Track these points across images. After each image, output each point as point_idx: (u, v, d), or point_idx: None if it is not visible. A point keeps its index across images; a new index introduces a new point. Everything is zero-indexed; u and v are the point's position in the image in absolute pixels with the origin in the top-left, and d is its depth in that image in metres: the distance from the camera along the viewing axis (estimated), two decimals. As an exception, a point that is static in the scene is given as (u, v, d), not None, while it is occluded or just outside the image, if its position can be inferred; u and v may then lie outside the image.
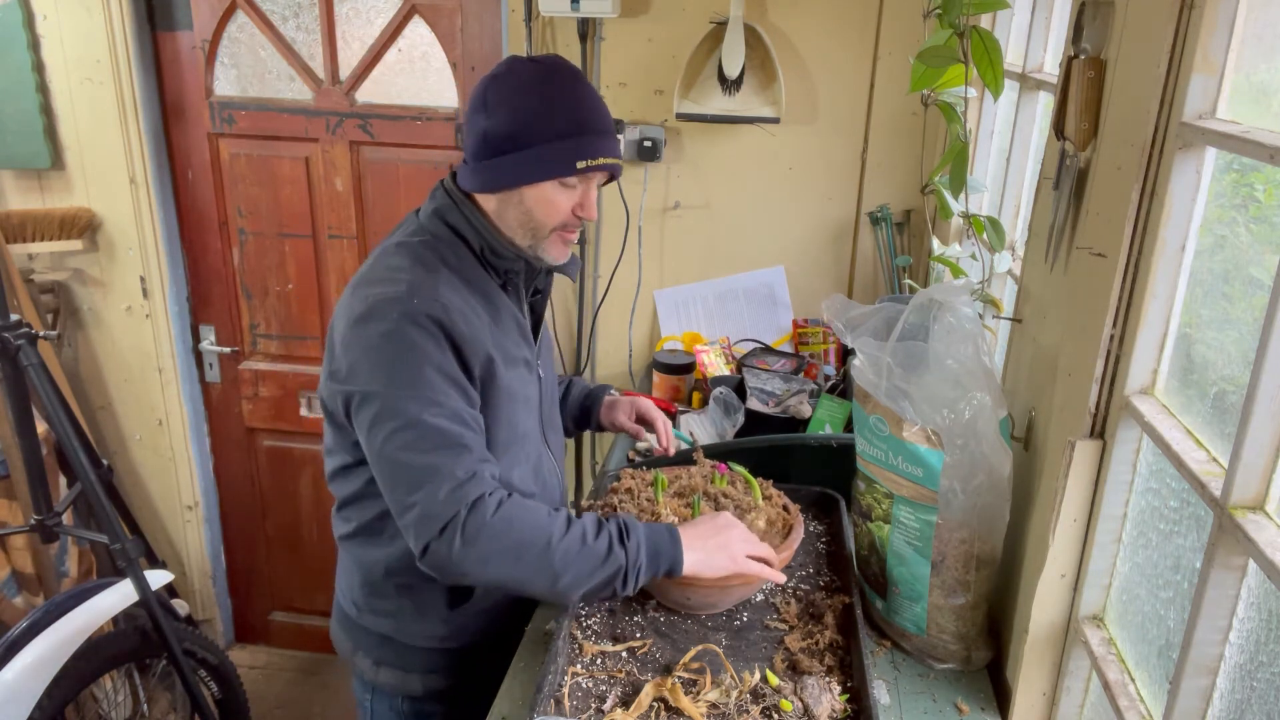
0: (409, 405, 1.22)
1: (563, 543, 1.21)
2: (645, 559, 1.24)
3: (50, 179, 2.70)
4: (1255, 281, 0.94)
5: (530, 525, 1.21)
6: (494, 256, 1.36)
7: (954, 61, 1.47)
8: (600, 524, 1.26)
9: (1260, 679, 0.87)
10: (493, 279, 1.37)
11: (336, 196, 2.72)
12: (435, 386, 1.23)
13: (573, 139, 1.28)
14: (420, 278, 1.28)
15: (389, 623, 1.47)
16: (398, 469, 1.23)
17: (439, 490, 1.20)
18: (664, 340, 2.60)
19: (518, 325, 1.41)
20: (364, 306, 1.26)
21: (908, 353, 1.29)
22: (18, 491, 2.48)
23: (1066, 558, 1.20)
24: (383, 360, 1.24)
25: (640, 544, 1.24)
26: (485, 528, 1.19)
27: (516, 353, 1.39)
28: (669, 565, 1.25)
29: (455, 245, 1.35)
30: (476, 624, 1.48)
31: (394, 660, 1.50)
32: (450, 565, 1.21)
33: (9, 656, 1.90)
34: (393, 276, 1.28)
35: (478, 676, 1.51)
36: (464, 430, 1.24)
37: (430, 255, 1.32)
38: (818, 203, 2.52)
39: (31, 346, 2.08)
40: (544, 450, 1.52)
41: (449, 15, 2.52)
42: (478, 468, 1.23)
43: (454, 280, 1.31)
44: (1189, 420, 1.02)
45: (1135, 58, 1.08)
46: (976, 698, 1.32)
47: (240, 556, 3.16)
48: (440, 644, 1.48)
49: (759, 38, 2.32)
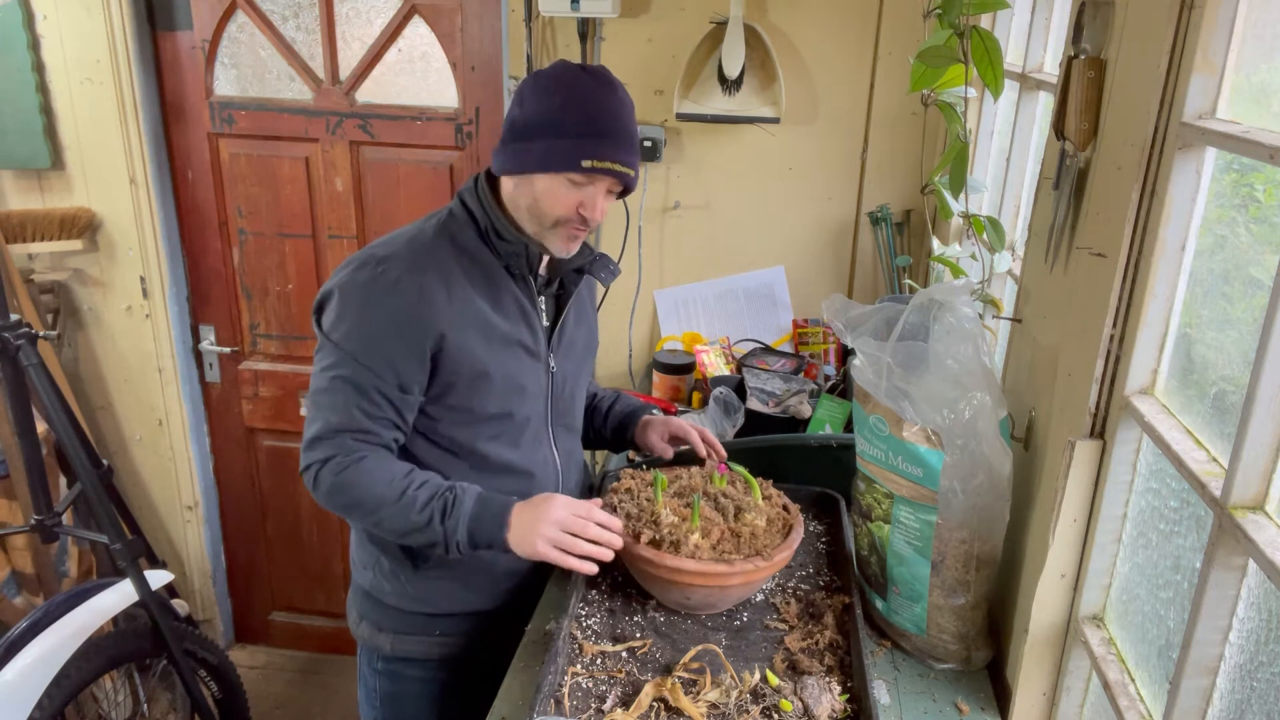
0: (332, 353, 1.38)
1: (391, 509, 1.36)
2: (464, 536, 1.36)
3: (50, 179, 2.70)
4: (1255, 281, 0.94)
5: (365, 489, 1.37)
6: (496, 238, 1.43)
7: (954, 61, 1.47)
8: (431, 498, 1.37)
9: (1260, 679, 0.87)
10: (498, 260, 1.44)
11: (336, 196, 2.72)
12: (361, 347, 1.37)
13: (584, 139, 1.35)
14: (403, 250, 1.40)
15: (368, 576, 1.56)
16: (314, 392, 1.42)
17: (309, 435, 1.41)
18: (664, 340, 2.60)
19: (520, 309, 1.46)
20: (354, 257, 1.42)
21: (908, 353, 1.29)
22: (18, 491, 2.48)
23: (1066, 558, 1.20)
24: (335, 307, 1.39)
25: (459, 522, 1.36)
26: (330, 484, 1.38)
27: (512, 334, 1.44)
28: (488, 541, 1.37)
29: (467, 224, 1.45)
30: (444, 591, 1.53)
31: (370, 615, 1.58)
32: (312, 492, 1.43)
33: (9, 656, 1.90)
34: (388, 242, 1.43)
35: (451, 651, 1.57)
36: (357, 398, 1.37)
37: (436, 231, 1.43)
38: (818, 203, 2.52)
39: (31, 346, 2.07)
40: (547, 441, 1.54)
41: (449, 15, 2.52)
42: (346, 429, 1.38)
43: (449, 258, 1.41)
44: (1189, 420, 1.02)
45: (1135, 58, 1.08)
46: (976, 698, 1.32)
47: (240, 556, 3.16)
48: (409, 606, 1.54)
49: (759, 38, 2.32)
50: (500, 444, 1.48)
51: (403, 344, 1.36)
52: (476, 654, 1.58)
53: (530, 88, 1.39)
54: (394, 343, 1.36)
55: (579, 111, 1.36)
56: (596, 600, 1.44)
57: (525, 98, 1.39)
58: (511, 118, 1.40)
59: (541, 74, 1.40)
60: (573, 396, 1.60)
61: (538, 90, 1.38)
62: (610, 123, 1.37)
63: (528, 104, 1.38)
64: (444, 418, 1.44)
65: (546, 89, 1.37)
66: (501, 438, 1.48)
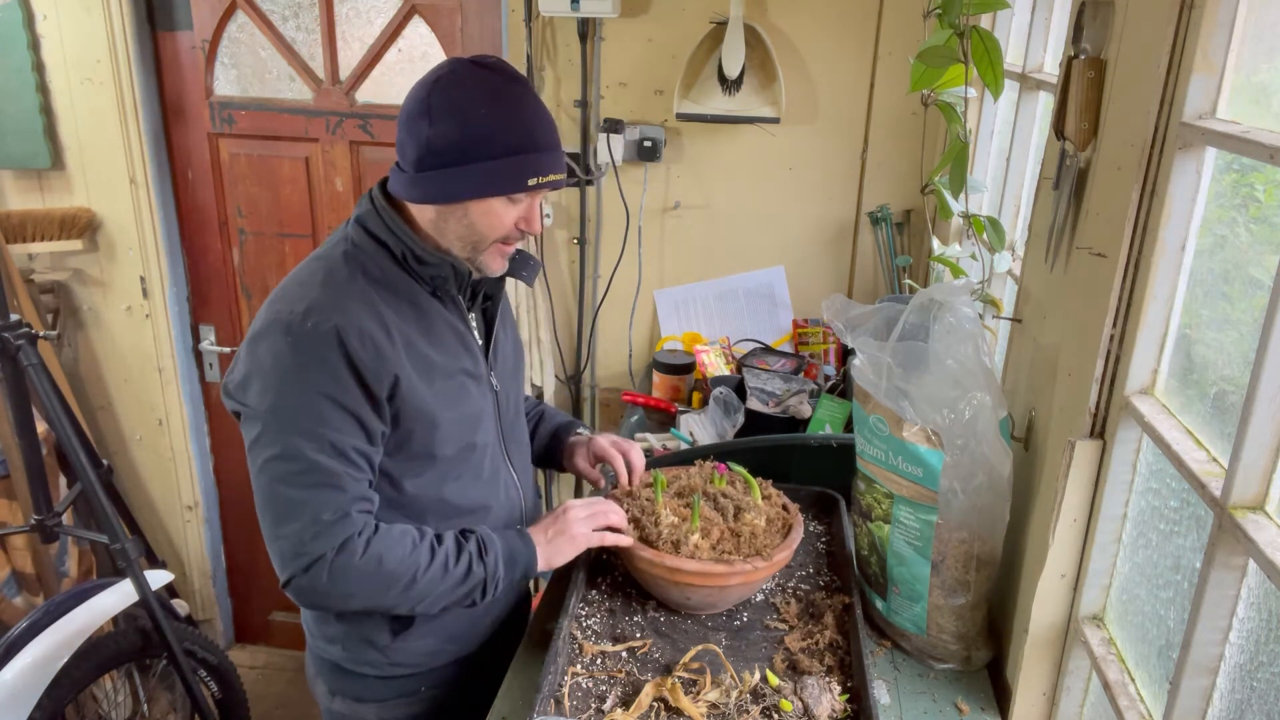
0: (288, 434, 1.20)
1: (428, 573, 1.26)
2: (503, 569, 1.31)
3: (50, 179, 2.70)
4: (1255, 281, 0.94)
5: (397, 560, 1.24)
6: (417, 264, 1.29)
7: (954, 61, 1.47)
8: (460, 545, 1.30)
9: (1260, 679, 0.87)
10: (421, 287, 1.31)
11: (336, 196, 2.72)
12: (319, 415, 1.21)
13: (523, 155, 1.23)
14: (322, 296, 1.23)
15: (337, 650, 1.42)
16: (269, 498, 1.23)
17: (306, 529, 1.21)
18: (664, 340, 2.60)
19: (456, 335, 1.35)
20: (261, 323, 1.24)
21: (908, 353, 1.29)
22: (18, 491, 2.49)
23: (1066, 558, 1.20)
24: (270, 382, 1.21)
25: (498, 556, 1.30)
26: (353, 569, 1.22)
27: (453, 364, 1.33)
28: (524, 567, 1.33)
29: (377, 254, 1.30)
30: (426, 649, 1.42)
31: (345, 690, 1.45)
32: (312, 599, 1.26)
33: (9, 656, 1.90)
34: (298, 293, 1.25)
35: (437, 703, 1.48)
36: (341, 466, 1.22)
37: (346, 267, 1.27)
38: (818, 203, 2.52)
39: (31, 346, 2.08)
40: (504, 465, 1.46)
41: (449, 15, 2.52)
42: (350, 508, 1.23)
43: (371, 293, 1.26)
44: (1189, 420, 1.02)
45: (1135, 58, 1.08)
46: (976, 698, 1.32)
47: (240, 556, 3.16)
48: (389, 673, 1.42)
49: (759, 38, 2.32)
50: (464, 483, 1.37)
51: (359, 393, 1.22)
52: (460, 702, 1.50)
53: (441, 101, 1.21)
54: (350, 395, 1.21)
55: (513, 124, 1.22)
56: (596, 600, 1.44)
57: (437, 114, 1.21)
58: (424, 138, 1.22)
59: (445, 81, 1.23)
60: (517, 411, 1.52)
61: (454, 105, 1.21)
62: (542, 132, 1.25)
63: (444, 122, 1.21)
64: (407, 472, 1.31)
65: (465, 102, 1.21)
66: (464, 476, 1.37)
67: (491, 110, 1.22)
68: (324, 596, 1.24)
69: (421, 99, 1.23)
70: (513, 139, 1.23)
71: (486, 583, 1.30)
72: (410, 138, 1.24)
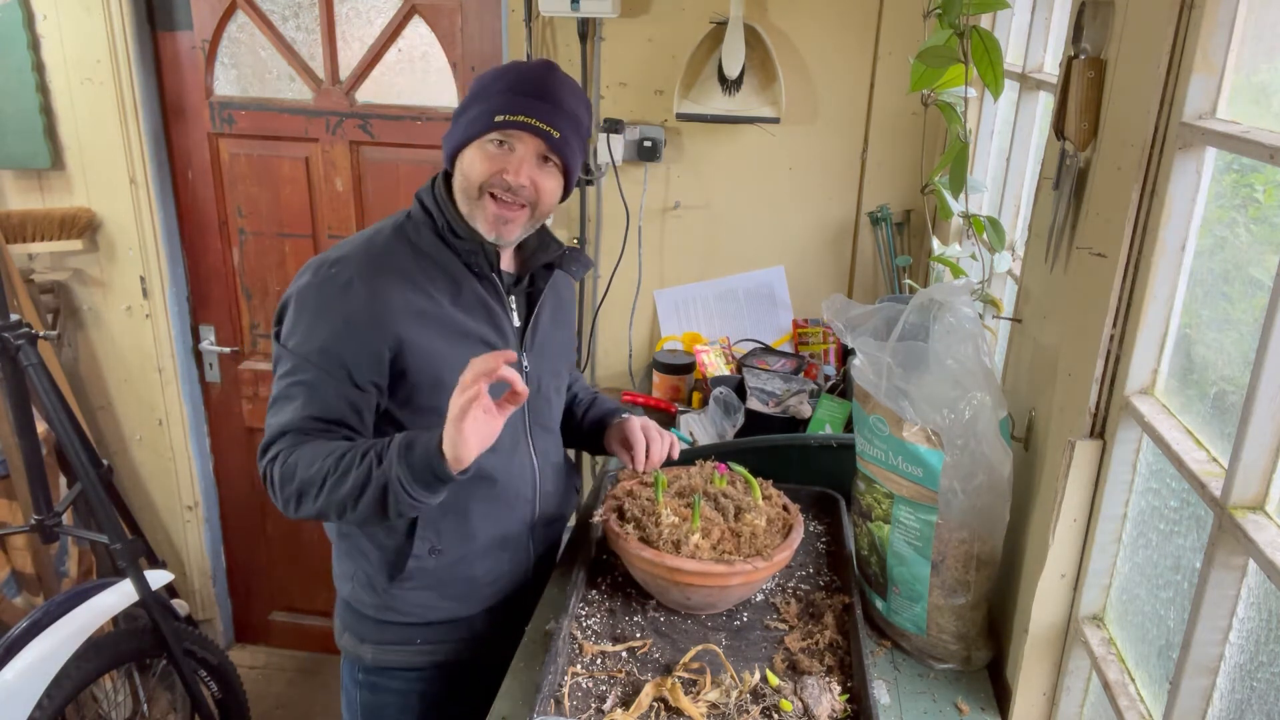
0: (287, 360, 1.36)
1: (335, 479, 1.27)
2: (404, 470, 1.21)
3: (50, 179, 2.70)
4: (1255, 282, 0.94)
5: (307, 470, 1.29)
6: (453, 236, 1.41)
7: (954, 61, 1.47)
8: (367, 450, 1.26)
9: (1260, 679, 0.87)
10: (457, 259, 1.42)
11: (336, 196, 2.72)
12: (312, 349, 1.34)
13: (500, 97, 1.34)
14: (357, 251, 1.38)
15: (346, 586, 1.53)
16: (271, 398, 1.38)
17: (262, 444, 1.36)
18: (664, 340, 2.60)
19: (484, 306, 1.43)
20: (307, 264, 1.40)
21: (908, 353, 1.29)
22: (18, 491, 2.48)
23: (1066, 558, 1.20)
24: (293, 314, 1.36)
25: (394, 458, 1.22)
26: (280, 477, 1.32)
27: (474, 330, 1.41)
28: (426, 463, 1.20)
29: (424, 224, 1.43)
30: (422, 600, 1.49)
31: (351, 625, 1.55)
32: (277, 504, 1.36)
33: (9, 656, 1.90)
34: (341, 246, 1.41)
35: (431, 660, 1.54)
36: (309, 396, 1.33)
37: (393, 234, 1.42)
38: (818, 203, 2.52)
39: (31, 346, 2.08)
40: (524, 442, 1.50)
41: (449, 15, 2.52)
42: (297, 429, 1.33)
43: (406, 258, 1.39)
44: (1189, 420, 1.02)
45: (1135, 58, 1.08)
46: (976, 698, 1.32)
47: (240, 556, 3.16)
48: (387, 616, 1.50)
49: (759, 38, 2.32)
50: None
51: (355, 344, 1.33)
52: (459, 662, 1.55)
53: (473, 79, 1.42)
54: (346, 343, 1.33)
55: (503, 78, 1.36)
56: (596, 600, 1.44)
57: (469, 87, 1.42)
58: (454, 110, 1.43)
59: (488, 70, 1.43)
60: (548, 395, 1.55)
61: (478, 77, 1.41)
62: (534, 86, 1.35)
63: (467, 94, 1.41)
64: (414, 423, 1.39)
65: (485, 74, 1.40)
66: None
67: (495, 77, 1.38)
68: (275, 498, 1.35)
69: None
70: (496, 90, 1.35)
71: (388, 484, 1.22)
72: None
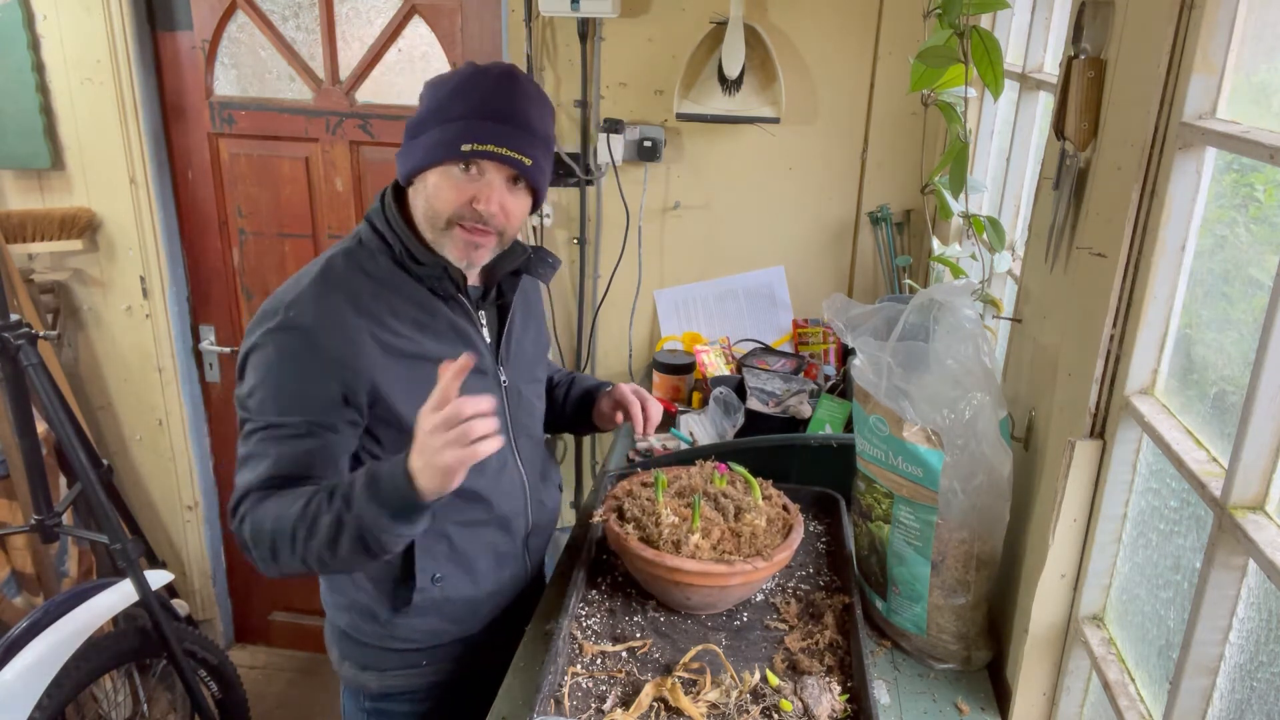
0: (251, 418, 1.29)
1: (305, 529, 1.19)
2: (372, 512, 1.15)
3: (50, 179, 2.70)
4: (1255, 282, 0.94)
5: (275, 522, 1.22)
6: (412, 262, 1.31)
7: (954, 61, 1.47)
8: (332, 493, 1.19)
9: (1260, 679, 0.87)
10: (419, 285, 1.33)
11: (336, 196, 2.72)
12: (267, 408, 1.26)
13: (464, 121, 1.24)
14: (309, 291, 1.28)
15: (344, 617, 1.50)
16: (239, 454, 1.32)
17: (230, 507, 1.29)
18: (664, 340, 2.60)
19: (457, 332, 1.36)
20: (260, 312, 1.31)
21: (908, 353, 1.29)
22: (18, 491, 2.48)
23: (1066, 558, 1.20)
24: (252, 368, 1.29)
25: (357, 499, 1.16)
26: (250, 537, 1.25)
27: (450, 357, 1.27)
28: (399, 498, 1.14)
29: (380, 251, 1.33)
30: (426, 627, 1.47)
31: (352, 655, 1.52)
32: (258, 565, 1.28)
33: (9, 656, 1.90)
34: (290, 286, 1.31)
35: (438, 680, 1.52)
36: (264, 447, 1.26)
37: (345, 265, 1.31)
38: (818, 203, 2.52)
39: (31, 346, 2.08)
40: (511, 458, 1.48)
41: (449, 15, 2.52)
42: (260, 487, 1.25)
43: (363, 291, 1.29)
44: (1189, 420, 1.02)
45: (1135, 58, 1.08)
46: (976, 698, 1.32)
47: (240, 557, 3.14)
48: (390, 644, 1.48)
49: (759, 38, 2.32)
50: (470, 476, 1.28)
51: (321, 398, 1.25)
52: (465, 678, 1.54)
53: (428, 87, 1.31)
54: (312, 400, 1.25)
55: (466, 97, 1.25)
56: (596, 600, 1.44)
57: (422, 97, 1.30)
58: (409, 120, 1.31)
59: (442, 74, 1.32)
60: (529, 403, 1.52)
61: (433, 86, 1.30)
62: (500, 106, 1.25)
63: (423, 102, 1.30)
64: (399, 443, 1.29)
65: (441, 83, 1.29)
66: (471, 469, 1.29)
67: (453, 88, 1.27)
68: (251, 557, 1.27)
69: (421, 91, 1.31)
70: (458, 109, 1.25)
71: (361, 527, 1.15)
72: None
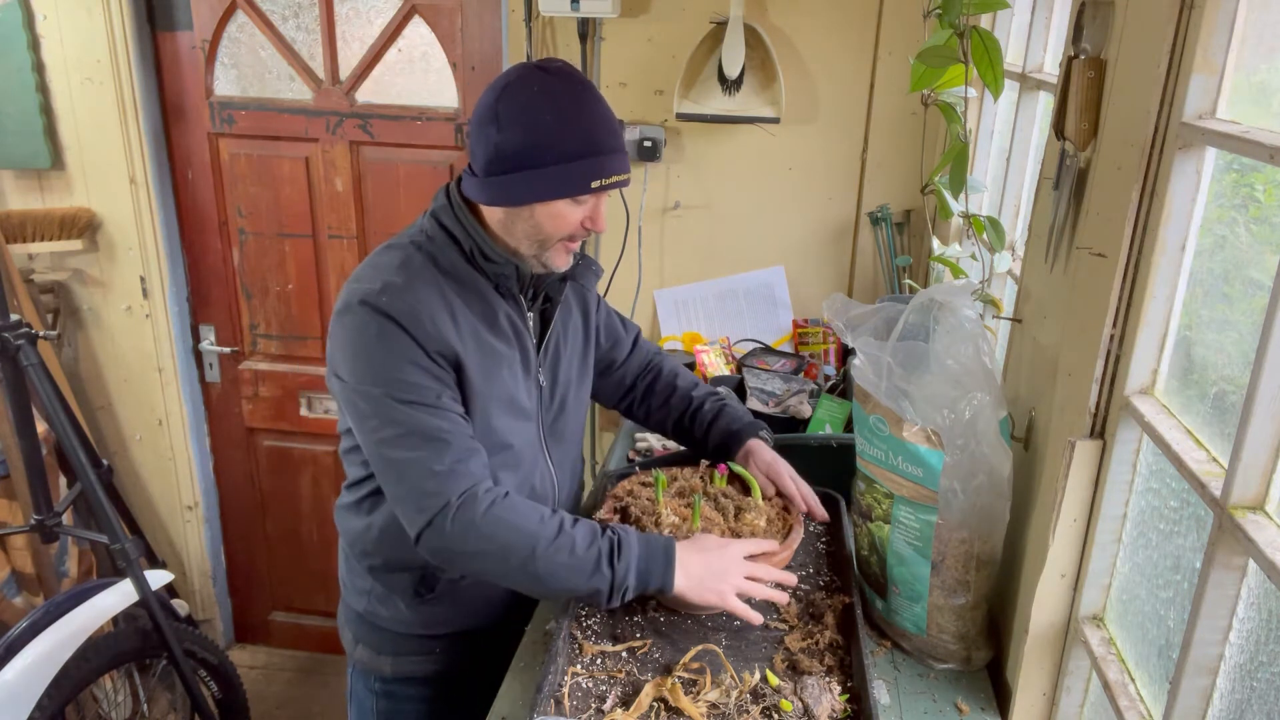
0: (385, 400, 1.27)
1: (548, 550, 1.24)
2: (634, 580, 1.25)
3: (50, 179, 2.70)
4: (1255, 282, 0.94)
5: (517, 529, 1.24)
6: (483, 260, 1.36)
7: (954, 61, 1.47)
8: (594, 537, 1.26)
9: (1260, 679, 0.87)
10: (486, 281, 1.38)
11: (336, 196, 2.72)
12: (408, 380, 1.27)
13: (588, 159, 1.28)
14: (396, 276, 1.31)
15: (363, 601, 1.53)
16: (384, 463, 1.29)
17: (422, 483, 1.25)
18: (664, 340, 2.60)
19: (513, 328, 1.41)
20: (342, 301, 1.32)
21: (908, 353, 1.29)
22: (18, 491, 2.48)
23: (1066, 558, 1.20)
24: (359, 353, 1.29)
25: (630, 565, 1.25)
26: (471, 527, 1.24)
27: (509, 355, 1.39)
28: (659, 586, 1.27)
29: (447, 247, 1.37)
30: (443, 615, 1.50)
31: (367, 639, 1.55)
32: (442, 554, 1.28)
33: (9, 656, 1.90)
34: (374, 275, 1.32)
35: (450, 665, 1.55)
36: (441, 422, 1.27)
37: (418, 255, 1.35)
38: (818, 203, 2.52)
39: (31, 346, 2.08)
40: (542, 460, 1.50)
41: (449, 15, 2.52)
42: (461, 459, 1.27)
43: (439, 281, 1.33)
44: (1189, 420, 1.02)
45: (1135, 58, 1.08)
46: (976, 698, 1.32)
47: (240, 556, 3.16)
48: (407, 629, 1.51)
49: (759, 38, 2.32)
50: (505, 471, 1.41)
51: (431, 362, 1.29)
52: (475, 667, 1.56)
53: (508, 107, 1.27)
54: (425, 361, 1.28)
55: (577, 129, 1.27)
56: (596, 600, 1.44)
57: (505, 121, 1.27)
58: (493, 144, 1.28)
59: (513, 89, 1.28)
60: (563, 405, 1.53)
61: (520, 110, 1.27)
62: (606, 135, 1.30)
63: (512, 129, 1.27)
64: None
65: (530, 107, 1.27)
66: (508, 464, 1.41)
67: (556, 116, 1.27)
68: (450, 551, 1.26)
69: (490, 105, 1.29)
70: (576, 143, 1.28)
71: (614, 589, 1.25)
72: (479, 143, 1.30)
